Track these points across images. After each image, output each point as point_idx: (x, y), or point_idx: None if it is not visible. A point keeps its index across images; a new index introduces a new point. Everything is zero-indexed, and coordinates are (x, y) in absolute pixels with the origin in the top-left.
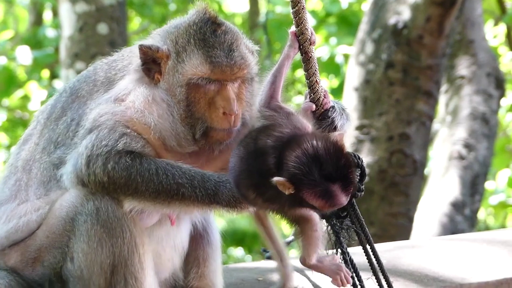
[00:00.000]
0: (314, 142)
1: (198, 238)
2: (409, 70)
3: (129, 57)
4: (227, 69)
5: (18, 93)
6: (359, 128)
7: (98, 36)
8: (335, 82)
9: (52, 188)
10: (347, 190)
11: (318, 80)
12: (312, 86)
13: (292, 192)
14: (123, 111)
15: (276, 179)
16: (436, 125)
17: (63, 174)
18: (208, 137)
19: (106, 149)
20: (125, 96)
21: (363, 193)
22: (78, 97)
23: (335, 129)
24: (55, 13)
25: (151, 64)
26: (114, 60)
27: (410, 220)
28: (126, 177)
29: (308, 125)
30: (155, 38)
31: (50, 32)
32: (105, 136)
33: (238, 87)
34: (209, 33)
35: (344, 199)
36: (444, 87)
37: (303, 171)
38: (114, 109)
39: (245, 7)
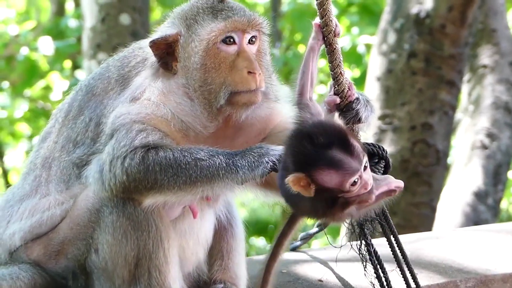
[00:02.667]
0: (301, 126)
1: (222, 231)
2: (432, 60)
3: (141, 53)
4: (240, 19)
5: (40, 84)
6: (382, 118)
7: (120, 27)
8: (357, 72)
9: (74, 184)
10: (352, 153)
11: (342, 71)
12: (336, 77)
13: (308, 185)
14: (139, 109)
15: (289, 179)
16: (458, 115)
17: (88, 177)
18: (233, 103)
19: (124, 149)
20: (140, 94)
21: None
22: (94, 95)
23: (359, 120)
24: (77, 3)
25: (167, 57)
26: (125, 57)
27: (433, 210)
28: (144, 170)
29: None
30: (162, 29)
31: (72, 23)
32: (123, 137)
33: (256, 51)
34: (216, 2)
35: (355, 164)
36: (466, 77)
37: (300, 152)
38: (130, 108)
39: None
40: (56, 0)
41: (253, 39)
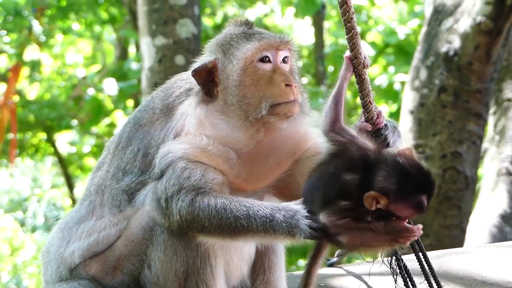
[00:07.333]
0: (398, 159)
1: (263, 248)
2: (460, 94)
3: (184, 83)
4: (272, 39)
5: (105, 121)
6: (415, 147)
7: (176, 67)
8: (394, 107)
9: (125, 208)
10: (431, 197)
11: (371, 100)
12: (366, 106)
13: (382, 205)
14: (180, 145)
15: (371, 194)
16: (485, 144)
17: (145, 203)
18: (274, 114)
19: (174, 189)
20: (182, 127)
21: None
22: (141, 126)
23: (387, 145)
24: (138, 47)
25: (209, 85)
26: (168, 88)
27: (463, 231)
28: (192, 213)
29: (371, 145)
30: (201, 58)
31: (133, 65)
32: (171, 176)
33: (288, 69)
34: (246, 29)
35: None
36: (492, 109)
37: (398, 185)
38: (172, 146)
39: (311, 39)
40: (120, 45)
41: (286, 59)
